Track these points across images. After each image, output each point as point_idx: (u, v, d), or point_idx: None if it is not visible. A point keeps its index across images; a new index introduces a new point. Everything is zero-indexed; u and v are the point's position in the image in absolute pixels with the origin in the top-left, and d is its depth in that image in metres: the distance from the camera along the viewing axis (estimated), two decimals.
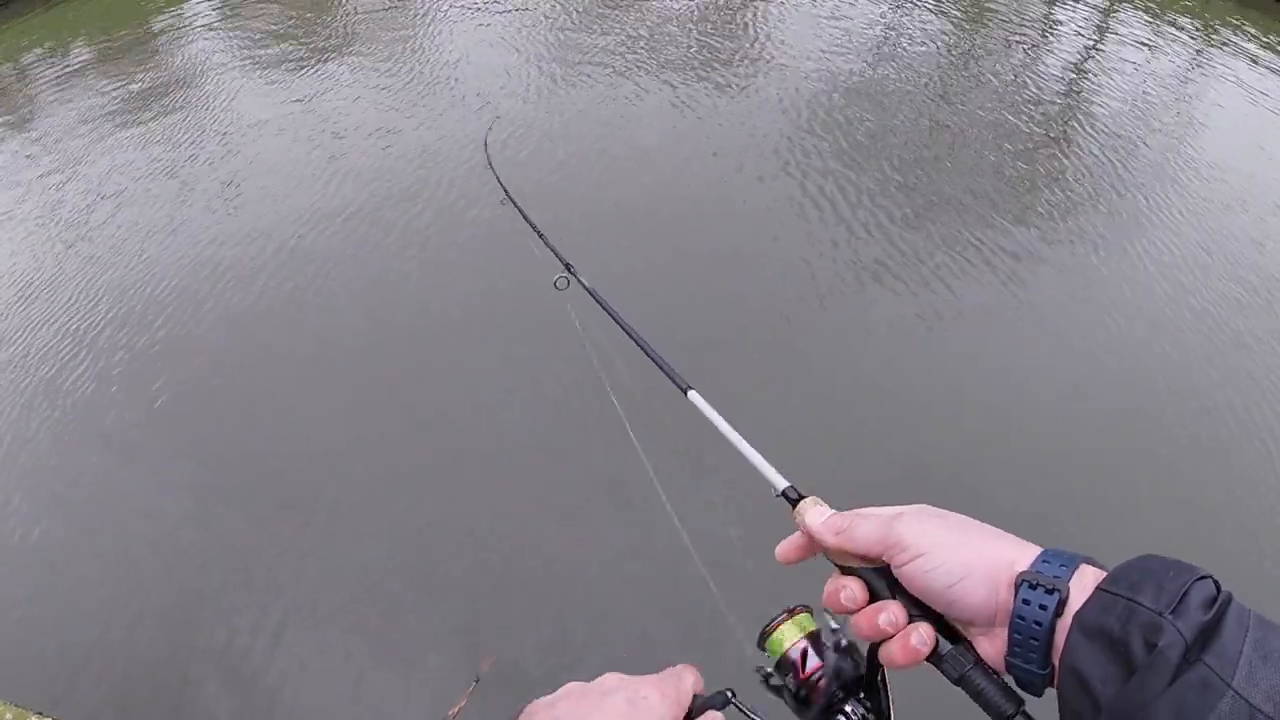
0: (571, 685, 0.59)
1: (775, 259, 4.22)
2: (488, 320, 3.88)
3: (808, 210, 4.59)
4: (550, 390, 3.49)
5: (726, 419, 0.87)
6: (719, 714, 0.61)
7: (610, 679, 0.59)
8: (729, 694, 0.62)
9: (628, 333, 1.26)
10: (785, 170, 4.95)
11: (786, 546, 0.68)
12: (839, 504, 0.68)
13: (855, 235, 4.40)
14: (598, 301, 1.47)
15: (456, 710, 2.40)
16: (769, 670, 0.64)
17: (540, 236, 1.84)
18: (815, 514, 0.65)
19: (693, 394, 0.98)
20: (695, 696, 0.60)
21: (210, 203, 5.07)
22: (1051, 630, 0.51)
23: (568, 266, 1.64)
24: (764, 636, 0.65)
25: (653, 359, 1.13)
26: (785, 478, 0.74)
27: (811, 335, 3.81)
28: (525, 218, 1.93)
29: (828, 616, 0.64)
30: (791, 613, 0.65)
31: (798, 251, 4.26)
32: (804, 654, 0.62)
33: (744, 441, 0.82)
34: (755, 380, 3.46)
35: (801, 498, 0.69)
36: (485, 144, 2.85)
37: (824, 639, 0.63)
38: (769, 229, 4.45)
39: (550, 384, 3.51)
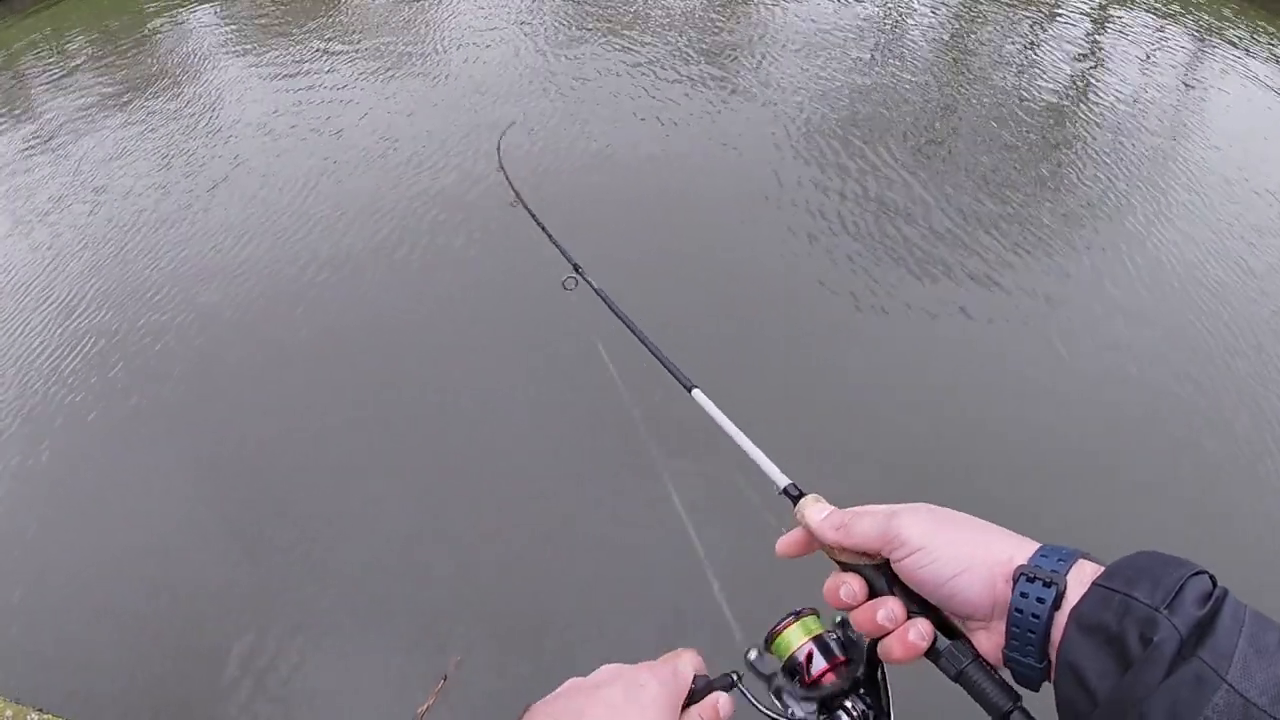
0: (570, 682, 0.60)
1: (775, 260, 4.25)
2: (494, 319, 3.91)
3: (809, 212, 4.60)
4: (552, 389, 3.51)
5: (730, 417, 0.88)
6: (726, 696, 0.61)
7: (606, 670, 0.60)
8: (734, 676, 0.62)
9: (634, 332, 1.26)
10: (784, 172, 5.00)
11: (786, 542, 0.69)
12: (838, 502, 0.68)
13: (854, 234, 4.42)
14: (605, 301, 1.48)
15: (425, 709, 2.41)
16: (776, 671, 0.65)
17: (550, 237, 1.85)
18: (815, 511, 0.66)
19: (696, 392, 0.99)
20: (696, 678, 0.61)
21: (202, 199, 5.08)
22: (1049, 623, 0.51)
23: (576, 267, 1.65)
24: (771, 639, 0.65)
25: (658, 358, 1.14)
26: (786, 475, 0.75)
27: (814, 337, 3.84)
28: (535, 219, 1.94)
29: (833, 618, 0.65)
30: (798, 615, 0.65)
31: (798, 253, 4.30)
32: (810, 656, 0.62)
33: (746, 439, 0.83)
34: (756, 380, 3.49)
35: (802, 495, 0.70)
36: (498, 146, 2.85)
37: (829, 640, 0.63)
38: (769, 229, 4.49)
39: (553, 382, 3.53)
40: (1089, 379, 3.60)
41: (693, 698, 0.60)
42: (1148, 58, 7.11)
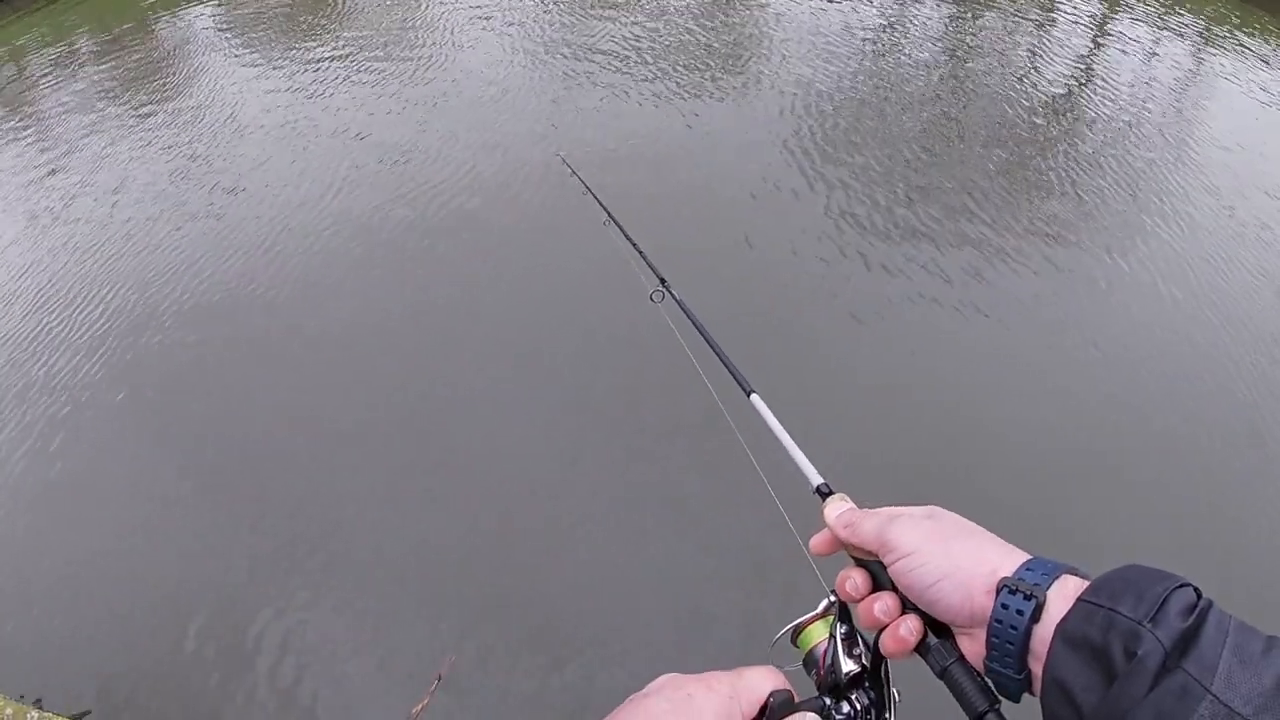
0: (630, 699, 0.59)
1: (811, 270, 4.33)
2: (495, 322, 4.09)
3: (842, 222, 4.67)
4: (551, 390, 3.61)
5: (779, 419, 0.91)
6: (814, 717, 0.58)
7: (658, 680, 0.59)
8: (825, 701, 0.61)
9: (707, 340, 1.30)
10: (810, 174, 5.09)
11: (818, 539, 0.71)
12: (868, 499, 0.70)
13: (889, 241, 4.50)
14: (687, 314, 1.52)
15: (420, 708, 2.47)
16: (802, 662, 0.67)
17: (642, 255, 1.92)
18: (833, 509, 0.69)
19: (754, 397, 1.02)
20: (775, 693, 0.57)
21: (220, 201, 5.23)
22: (1027, 635, 0.52)
23: (663, 281, 1.71)
24: (797, 632, 0.68)
25: (725, 364, 1.18)
26: (823, 475, 0.77)
27: (851, 340, 3.93)
28: (628, 238, 2.02)
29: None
30: (825, 612, 0.67)
31: (831, 261, 4.39)
32: (825, 652, 0.65)
33: (791, 441, 0.85)
34: (799, 385, 3.57)
35: (831, 493, 0.72)
36: (570, 165, 2.91)
37: (845, 639, 0.65)
38: (804, 239, 4.54)
39: (552, 383, 3.64)
40: (1128, 380, 3.63)
41: (771, 716, 0.56)
42: (1153, 56, 7.12)
